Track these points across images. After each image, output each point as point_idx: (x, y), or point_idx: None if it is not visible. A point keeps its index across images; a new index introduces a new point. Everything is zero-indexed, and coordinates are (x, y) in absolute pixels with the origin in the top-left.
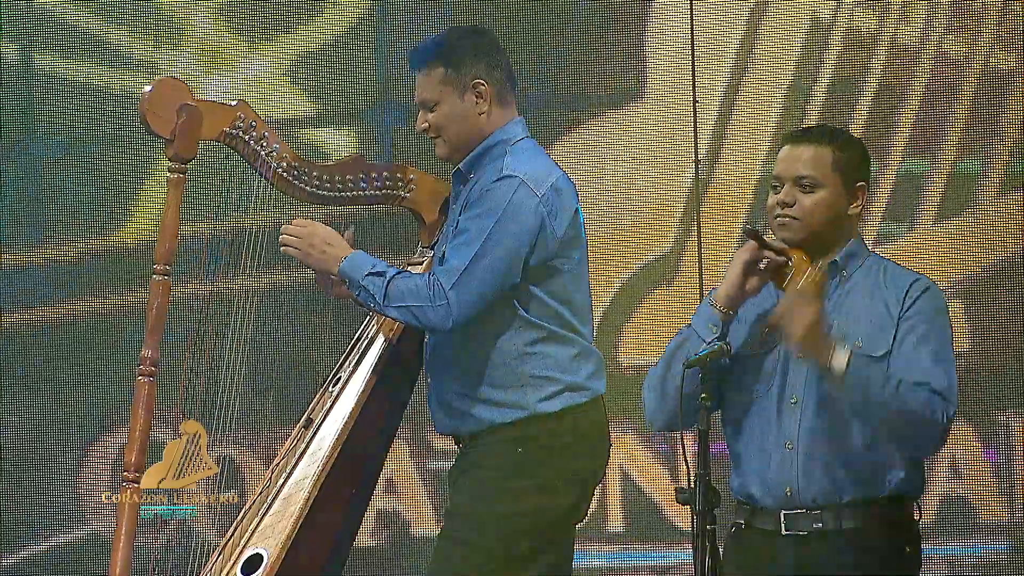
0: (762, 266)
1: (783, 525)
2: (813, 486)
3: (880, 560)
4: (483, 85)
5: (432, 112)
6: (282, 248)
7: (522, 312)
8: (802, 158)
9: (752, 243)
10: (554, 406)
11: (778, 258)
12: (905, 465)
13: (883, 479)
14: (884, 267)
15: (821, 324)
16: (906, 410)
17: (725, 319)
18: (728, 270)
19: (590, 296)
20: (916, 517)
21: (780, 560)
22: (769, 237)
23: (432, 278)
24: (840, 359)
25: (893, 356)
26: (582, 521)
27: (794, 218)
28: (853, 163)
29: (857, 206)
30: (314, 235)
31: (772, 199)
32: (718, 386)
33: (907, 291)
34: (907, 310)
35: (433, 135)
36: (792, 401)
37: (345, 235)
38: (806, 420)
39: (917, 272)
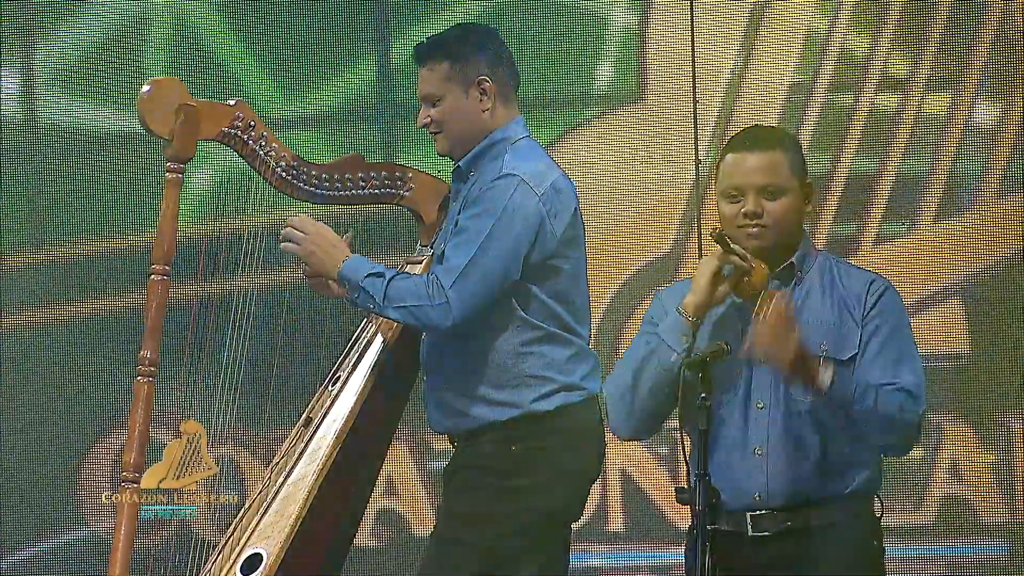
0: (726, 272)
1: (749, 527)
2: (781, 490)
3: (848, 554)
4: (487, 82)
5: (435, 107)
6: (282, 244)
7: (520, 312)
8: (761, 166)
9: (719, 251)
10: (549, 405)
11: (742, 264)
12: (866, 462)
13: (847, 477)
14: (836, 265)
15: (805, 350)
16: (880, 415)
17: (694, 328)
18: (695, 280)
19: (588, 297)
20: (878, 512)
21: (747, 561)
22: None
23: (431, 277)
24: (826, 377)
25: (859, 359)
26: (577, 520)
27: (764, 227)
28: (801, 163)
29: (809, 205)
30: (319, 235)
31: (731, 209)
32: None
33: (867, 291)
34: (869, 311)
35: (434, 131)
36: (759, 406)
37: (344, 238)
38: (773, 425)
39: (870, 271)
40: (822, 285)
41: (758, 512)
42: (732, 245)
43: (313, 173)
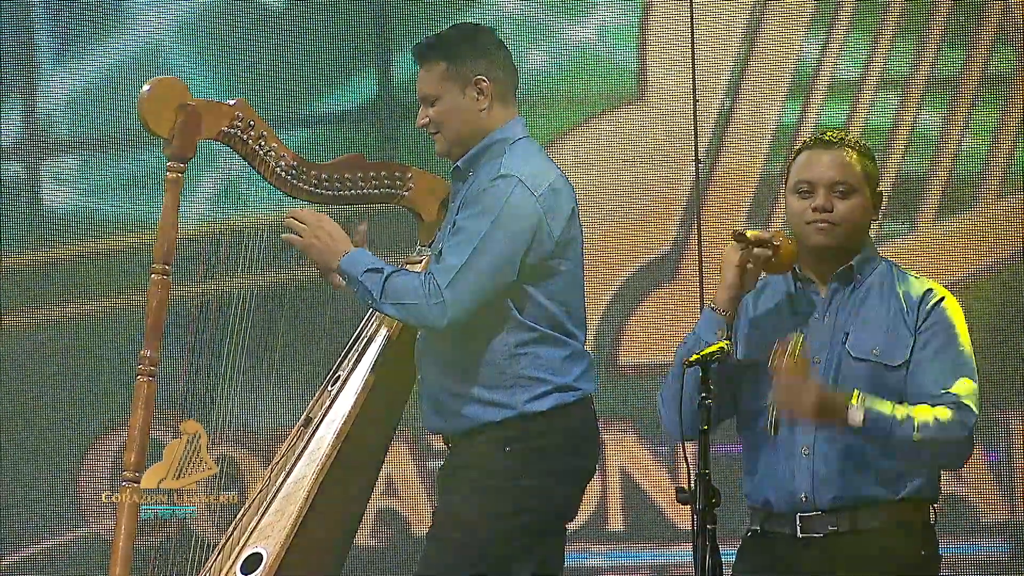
0: (751, 265)
1: (799, 528)
2: (829, 491)
3: (896, 561)
4: (484, 82)
5: (432, 107)
6: (284, 235)
7: (515, 313)
8: (836, 163)
9: (737, 244)
10: (542, 406)
11: (765, 251)
12: (920, 470)
13: (899, 482)
14: (897, 273)
15: (825, 396)
16: (928, 438)
17: (729, 321)
18: (721, 274)
19: (584, 298)
20: (932, 520)
21: (796, 563)
22: (752, 233)
23: (428, 276)
24: (856, 416)
25: (911, 368)
26: (573, 520)
27: (832, 223)
28: (876, 173)
29: (877, 213)
30: (321, 227)
31: (800, 204)
32: (732, 394)
33: (921, 301)
34: (923, 321)
35: (433, 131)
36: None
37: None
38: (821, 427)
39: (930, 280)
40: (880, 290)
41: (806, 513)
42: (751, 236)
43: (313, 173)
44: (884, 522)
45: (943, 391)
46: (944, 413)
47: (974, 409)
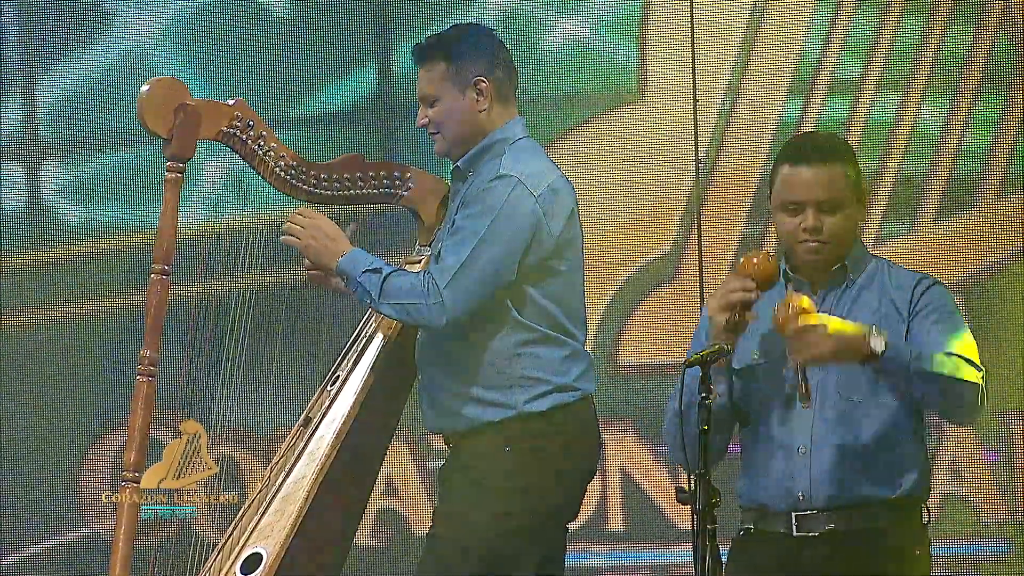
0: (735, 318)
1: (794, 527)
2: (825, 490)
3: (891, 560)
4: (484, 83)
5: (432, 108)
6: (282, 236)
7: (515, 313)
8: (822, 182)
9: (717, 293)
10: (542, 406)
11: (746, 291)
12: (916, 469)
13: (894, 481)
14: (888, 268)
15: (840, 330)
16: (941, 376)
17: (727, 364)
18: (711, 331)
19: (584, 298)
20: (925, 520)
21: (791, 561)
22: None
23: (427, 276)
24: (877, 344)
25: (911, 341)
26: (574, 520)
27: (824, 242)
28: (858, 174)
29: (864, 210)
30: (319, 227)
31: (790, 222)
32: (731, 398)
33: (914, 289)
34: (916, 303)
35: (432, 131)
36: (804, 406)
37: (347, 231)
38: (818, 425)
39: (920, 272)
40: (872, 286)
41: (803, 512)
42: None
43: (312, 173)
44: (880, 521)
45: (948, 351)
46: (956, 359)
47: (980, 368)
